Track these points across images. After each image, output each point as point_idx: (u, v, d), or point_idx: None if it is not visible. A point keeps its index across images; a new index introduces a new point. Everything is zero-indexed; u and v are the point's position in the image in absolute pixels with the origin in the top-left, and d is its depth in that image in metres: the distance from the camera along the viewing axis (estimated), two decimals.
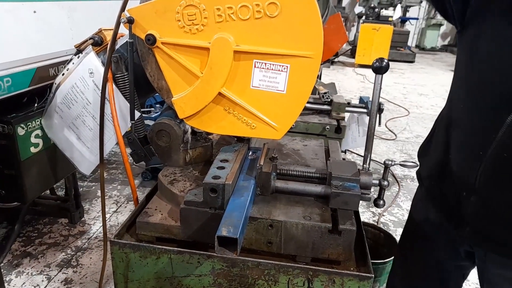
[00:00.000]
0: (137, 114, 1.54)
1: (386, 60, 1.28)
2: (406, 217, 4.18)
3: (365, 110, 2.77)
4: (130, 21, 1.28)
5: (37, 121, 1.74)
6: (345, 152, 2.92)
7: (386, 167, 1.36)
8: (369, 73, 9.48)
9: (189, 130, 1.53)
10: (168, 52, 1.29)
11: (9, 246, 3.10)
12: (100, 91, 1.48)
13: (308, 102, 2.78)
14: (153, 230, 1.29)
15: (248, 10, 1.20)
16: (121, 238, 1.32)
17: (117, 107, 1.53)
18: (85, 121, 1.60)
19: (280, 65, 1.25)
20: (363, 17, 11.52)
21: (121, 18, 1.30)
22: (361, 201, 1.31)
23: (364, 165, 1.38)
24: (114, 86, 1.52)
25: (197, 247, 1.26)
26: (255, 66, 1.26)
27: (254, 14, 1.20)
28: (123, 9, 1.32)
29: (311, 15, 1.18)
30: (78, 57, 1.65)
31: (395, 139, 6.22)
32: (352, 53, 11.50)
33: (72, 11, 1.78)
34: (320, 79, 4.97)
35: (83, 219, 3.56)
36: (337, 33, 2.72)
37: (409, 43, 13.12)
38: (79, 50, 1.65)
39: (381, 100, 1.57)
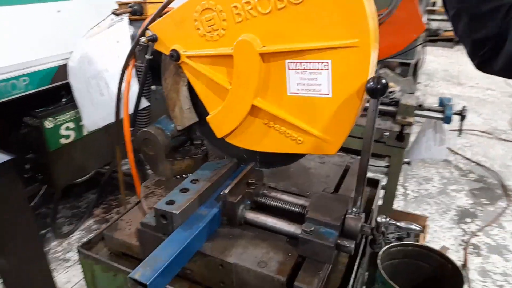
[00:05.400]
0: (145, 103, 1.49)
1: (383, 81, 0.97)
2: (508, 242, 3.47)
3: (439, 115, 2.30)
4: (153, 39, 1.22)
5: (68, 115, 1.84)
6: (409, 163, 2.49)
7: (378, 226, 1.07)
8: None
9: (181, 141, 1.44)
10: (194, 66, 1.19)
11: (88, 211, 3.51)
12: (122, 65, 1.43)
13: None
14: (117, 245, 1.26)
15: (268, 1, 1.02)
16: (93, 247, 1.32)
17: (131, 92, 1.48)
18: (99, 84, 1.60)
19: (318, 63, 1.03)
20: None
21: (141, 38, 1.25)
22: (448, 210, 1.04)
23: (354, 208, 1.11)
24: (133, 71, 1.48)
25: None
26: (289, 68, 1.07)
27: (276, 4, 1.01)
28: (145, 29, 1.25)
29: None
30: (112, 20, 1.64)
31: None
32: None
33: (99, 8, 1.81)
34: (418, 67, 4.33)
35: None
36: (410, 21, 2.26)
37: None
38: (115, 13, 1.64)
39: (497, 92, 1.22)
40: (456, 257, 3.38)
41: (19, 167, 1.87)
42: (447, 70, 8.57)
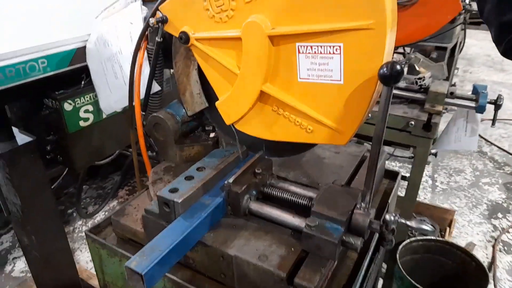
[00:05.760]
0: (156, 88, 1.47)
1: (398, 67, 0.89)
2: None
3: (472, 104, 2.15)
4: (163, 21, 1.19)
5: (87, 97, 1.86)
6: (435, 155, 2.36)
7: (387, 224, 1.00)
8: None
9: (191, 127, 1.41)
10: (203, 49, 1.15)
11: (112, 193, 3.60)
12: (134, 47, 1.43)
13: (397, 88, 2.30)
14: (124, 230, 1.26)
15: None
16: (101, 231, 1.34)
17: (143, 75, 1.47)
18: (113, 67, 1.59)
19: (329, 46, 0.96)
20: None
21: (151, 20, 1.22)
22: (479, 204, 0.98)
23: (363, 203, 1.05)
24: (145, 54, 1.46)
25: None
26: (299, 52, 1.01)
27: None
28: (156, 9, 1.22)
29: None
30: (126, 0, 1.62)
31: None
32: None
33: None
34: (456, 52, 4.09)
35: None
36: (445, 1, 2.09)
37: None
38: None
39: None
40: (483, 254, 3.23)
41: (41, 149, 1.90)
42: (489, 55, 8.09)
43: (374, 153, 0.98)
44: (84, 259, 3.12)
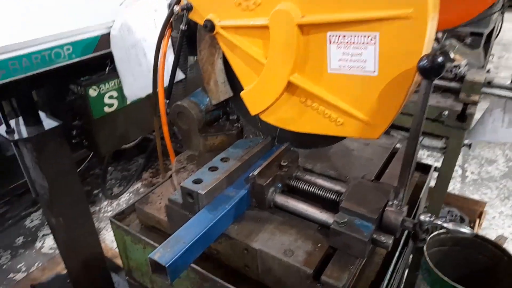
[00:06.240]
0: (181, 76, 1.44)
1: (440, 59, 0.82)
2: None
3: (511, 94, 2.03)
4: (188, 8, 1.16)
5: (111, 83, 1.85)
6: (469, 146, 2.26)
7: (421, 224, 0.95)
8: None
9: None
10: (229, 38, 1.12)
11: (137, 175, 3.65)
12: (158, 34, 1.41)
13: None
14: (147, 218, 1.26)
15: None
16: (126, 217, 1.34)
17: (167, 63, 1.44)
18: (138, 54, 1.58)
19: (364, 36, 0.91)
20: None
21: (175, 7, 1.19)
22: (509, 194, 0.94)
23: (395, 200, 1.00)
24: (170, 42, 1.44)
25: None
26: (330, 42, 0.96)
27: None
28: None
29: None
30: None
31: None
32: None
33: None
34: (493, 37, 3.88)
35: None
36: None
37: None
38: None
39: None
40: None
41: (67, 133, 1.92)
42: None
43: (410, 148, 0.93)
44: (109, 238, 3.20)
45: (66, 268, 2.31)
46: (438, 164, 2.23)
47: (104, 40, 1.69)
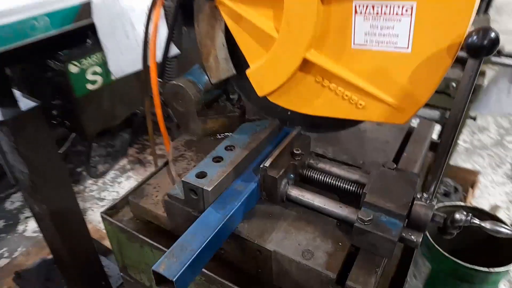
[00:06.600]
0: (174, 51, 1.28)
1: (493, 34, 0.70)
2: None
3: None
4: None
5: (94, 58, 1.67)
6: (474, 118, 2.18)
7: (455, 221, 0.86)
8: None
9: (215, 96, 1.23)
10: (233, 7, 0.96)
11: (122, 151, 3.48)
12: (148, 3, 1.24)
13: None
14: (143, 213, 1.14)
15: None
16: (118, 212, 1.21)
17: (159, 36, 1.28)
18: (124, 25, 1.40)
19: (398, 6, 0.78)
20: None
21: None
22: (502, 163, 0.87)
23: (425, 193, 0.90)
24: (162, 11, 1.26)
25: None
26: (356, 12, 0.82)
27: None
28: None
29: None
30: None
31: None
32: None
33: None
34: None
35: None
36: None
37: None
38: None
39: None
40: (506, 215, 3.14)
41: (47, 114, 1.75)
42: None
43: (448, 138, 0.82)
44: (96, 218, 3.08)
45: (51, 254, 2.19)
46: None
47: (85, 9, 1.50)
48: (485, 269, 1.85)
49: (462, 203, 2.34)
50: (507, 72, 2.08)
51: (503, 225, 0.82)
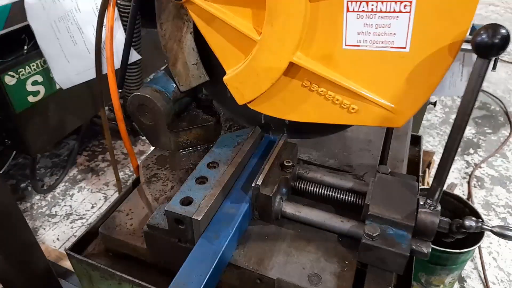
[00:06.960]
0: (136, 57, 1.13)
1: (503, 31, 0.66)
2: None
3: (468, 46, 1.97)
4: None
5: (33, 65, 1.45)
6: (434, 104, 2.23)
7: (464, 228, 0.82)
8: None
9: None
10: (204, 6, 0.83)
11: (71, 160, 3.20)
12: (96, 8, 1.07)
13: None
14: (118, 246, 1.00)
15: None
16: (86, 246, 1.06)
17: (115, 41, 1.12)
18: (69, 29, 1.21)
19: (395, 1, 0.71)
20: None
21: None
22: (440, 130, 0.83)
23: (429, 199, 0.85)
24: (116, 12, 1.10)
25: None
26: (348, 10, 0.75)
27: None
28: None
29: None
30: None
31: None
32: None
33: None
34: None
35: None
36: None
37: None
38: None
39: None
40: (460, 191, 3.31)
41: None
42: None
43: (454, 142, 0.78)
44: (49, 238, 2.81)
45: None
46: None
47: (18, 9, 1.29)
48: (457, 250, 1.92)
49: (426, 187, 2.40)
50: (459, 55, 2.14)
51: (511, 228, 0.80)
